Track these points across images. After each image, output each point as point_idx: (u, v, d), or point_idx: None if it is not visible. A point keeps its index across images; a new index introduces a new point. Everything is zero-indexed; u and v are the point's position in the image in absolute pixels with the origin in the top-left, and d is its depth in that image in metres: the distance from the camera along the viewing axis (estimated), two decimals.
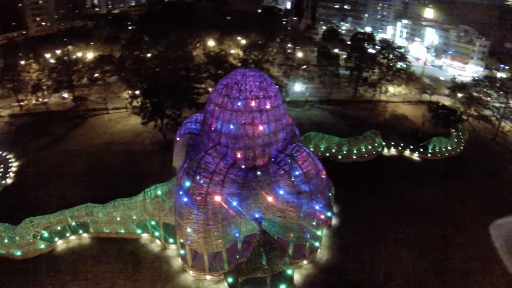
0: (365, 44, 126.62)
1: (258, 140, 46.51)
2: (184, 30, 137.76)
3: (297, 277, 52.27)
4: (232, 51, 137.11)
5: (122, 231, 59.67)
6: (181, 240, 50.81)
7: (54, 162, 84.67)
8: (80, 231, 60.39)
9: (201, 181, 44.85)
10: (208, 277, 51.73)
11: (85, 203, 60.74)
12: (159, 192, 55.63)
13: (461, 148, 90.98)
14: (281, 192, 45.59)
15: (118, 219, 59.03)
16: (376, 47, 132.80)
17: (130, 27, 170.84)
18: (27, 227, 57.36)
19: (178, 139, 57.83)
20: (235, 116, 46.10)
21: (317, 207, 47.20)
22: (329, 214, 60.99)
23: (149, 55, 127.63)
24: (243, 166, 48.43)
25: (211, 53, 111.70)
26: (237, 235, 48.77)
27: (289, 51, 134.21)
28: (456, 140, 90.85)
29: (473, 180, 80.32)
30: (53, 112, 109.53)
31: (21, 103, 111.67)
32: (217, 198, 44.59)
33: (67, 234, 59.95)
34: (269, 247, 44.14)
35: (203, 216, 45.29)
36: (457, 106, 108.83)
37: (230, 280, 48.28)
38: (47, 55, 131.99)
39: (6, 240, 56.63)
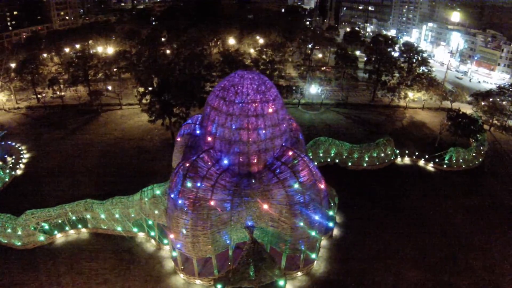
0: (386, 47, 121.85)
1: (253, 146, 44.73)
2: (205, 27, 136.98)
3: (288, 287, 50.42)
4: (251, 50, 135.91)
5: (119, 228, 59.79)
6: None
7: (64, 155, 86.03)
8: (79, 226, 61.17)
9: (191, 186, 43.54)
10: (198, 281, 51.01)
11: (91, 197, 61.66)
12: (155, 192, 55.07)
13: (481, 160, 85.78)
14: (274, 202, 43.66)
15: (117, 216, 59.10)
16: (397, 50, 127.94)
17: (153, 23, 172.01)
18: (28, 219, 58.41)
19: (178, 139, 56.82)
20: (230, 120, 44.44)
21: (314, 218, 44.85)
22: (330, 224, 59.01)
23: (167, 51, 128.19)
24: (237, 172, 46.70)
25: (226, 52, 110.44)
26: (228, 241, 47.45)
27: (307, 51, 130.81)
28: (475, 151, 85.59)
29: (492, 195, 74.88)
30: (68, 105, 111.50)
31: (39, 96, 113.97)
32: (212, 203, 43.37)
33: (67, 228, 60.80)
34: (259, 258, 42.61)
35: (192, 221, 44.17)
36: (479, 115, 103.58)
37: (219, 286, 46.92)
38: (66, 49, 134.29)
39: (9, 230, 57.58)
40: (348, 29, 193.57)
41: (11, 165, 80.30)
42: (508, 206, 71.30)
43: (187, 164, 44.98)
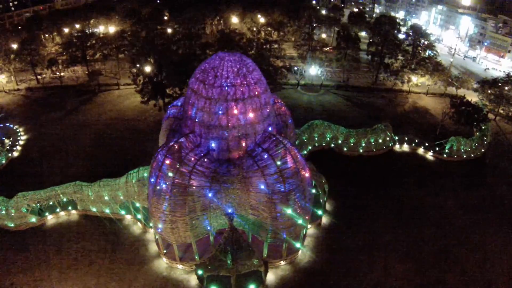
0: (390, 28, 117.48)
1: (232, 131, 43.32)
2: (204, 6, 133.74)
3: (272, 277, 49.86)
4: (248, 30, 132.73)
5: (107, 210, 60.32)
6: None
7: (60, 136, 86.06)
8: (69, 208, 61.75)
9: (168, 171, 42.70)
10: (180, 266, 50.98)
11: (83, 178, 61.92)
12: (141, 175, 54.71)
13: (483, 150, 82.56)
14: (253, 190, 42.57)
15: (106, 198, 59.42)
16: (402, 32, 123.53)
17: (157, 0, 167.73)
18: (20, 201, 58.92)
19: (164, 121, 55.70)
20: (209, 104, 42.91)
21: (296, 208, 43.72)
22: (319, 212, 57.98)
23: (169, 30, 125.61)
24: (216, 158, 45.57)
25: (222, 31, 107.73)
26: (208, 228, 46.84)
27: (307, 31, 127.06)
28: (477, 141, 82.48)
29: (492, 189, 71.78)
30: (67, 86, 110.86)
31: (39, 77, 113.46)
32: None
33: (57, 210, 61.46)
34: (237, 246, 41.88)
35: (170, 207, 43.56)
36: (484, 103, 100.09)
37: (200, 272, 46.60)
38: (66, 30, 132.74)
39: (3, 212, 58.36)
40: (355, 10, 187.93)
41: (8, 147, 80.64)
42: (508, 201, 68.30)
43: (165, 149, 43.90)
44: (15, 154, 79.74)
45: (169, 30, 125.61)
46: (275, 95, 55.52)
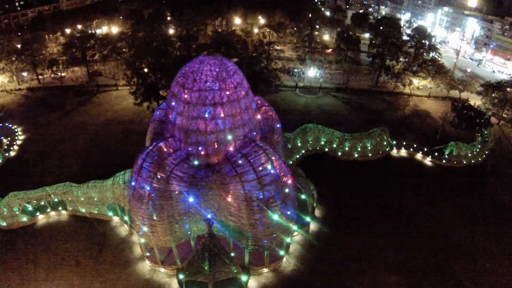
0: (392, 30, 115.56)
1: (211, 136, 42.68)
2: (206, 6, 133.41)
3: (253, 284, 48.99)
4: (251, 30, 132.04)
5: (96, 212, 60.73)
6: None
7: (57, 137, 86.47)
8: (60, 208, 62.33)
9: (146, 176, 42.36)
10: (162, 269, 50.81)
11: (76, 179, 62.59)
12: (127, 178, 54.44)
13: (484, 156, 79.81)
14: (231, 196, 41.85)
15: (96, 199, 59.62)
16: (404, 34, 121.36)
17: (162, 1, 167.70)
18: (12, 200, 59.51)
19: (150, 125, 55.43)
20: (188, 109, 42.40)
21: (275, 216, 42.84)
22: (307, 219, 56.95)
23: (170, 31, 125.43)
24: (195, 163, 45.01)
25: (219, 33, 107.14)
26: (188, 232, 46.50)
27: (306, 33, 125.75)
28: (478, 147, 79.73)
29: (493, 197, 68.63)
30: (66, 86, 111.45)
31: (40, 77, 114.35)
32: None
33: (48, 210, 62.06)
34: (214, 253, 41.21)
35: (148, 211, 43.37)
36: (487, 107, 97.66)
37: (181, 276, 46.07)
38: (67, 30, 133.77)
39: None
40: (361, 11, 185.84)
41: (5, 147, 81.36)
42: (508, 210, 65.26)
43: (144, 153, 43.56)
44: (12, 153, 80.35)
45: (171, 31, 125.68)
46: (261, 98, 54.68)
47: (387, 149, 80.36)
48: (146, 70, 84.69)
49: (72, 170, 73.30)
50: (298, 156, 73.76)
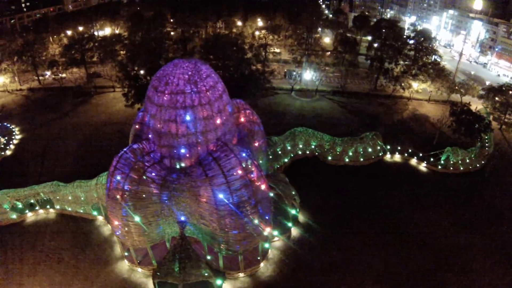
0: (392, 32, 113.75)
1: (181, 139, 42.50)
2: (207, 9, 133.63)
3: (228, 287, 48.55)
4: (257, 32, 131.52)
5: (81, 211, 61.80)
6: None
7: (52, 137, 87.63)
8: (48, 206, 63.78)
9: (119, 178, 42.55)
10: (139, 269, 51.25)
11: (68, 179, 62.92)
12: None
13: (482, 162, 77.37)
14: (202, 199, 41.44)
15: (82, 199, 60.58)
16: (404, 36, 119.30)
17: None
18: (2, 198, 61.15)
19: (132, 127, 55.35)
20: (159, 112, 42.43)
21: (245, 221, 42.23)
22: (289, 224, 56.15)
23: (171, 33, 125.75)
24: (168, 166, 44.89)
25: (211, 36, 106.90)
26: (162, 234, 46.82)
27: (303, 36, 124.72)
28: (476, 152, 77.48)
29: (490, 206, 65.83)
30: (65, 87, 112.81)
31: (41, 78, 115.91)
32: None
33: (37, 208, 63.54)
34: (185, 255, 41.01)
35: (122, 211, 43.89)
36: (488, 111, 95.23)
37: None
38: (70, 32, 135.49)
39: None
40: (366, 13, 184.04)
41: (2, 146, 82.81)
42: (507, 219, 62.17)
43: (119, 155, 43.81)
44: (8, 153, 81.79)
45: (168, 34, 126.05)
46: (242, 101, 54.18)
47: (380, 154, 78.75)
48: (140, 72, 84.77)
49: (65, 170, 74.04)
50: (286, 160, 72.78)
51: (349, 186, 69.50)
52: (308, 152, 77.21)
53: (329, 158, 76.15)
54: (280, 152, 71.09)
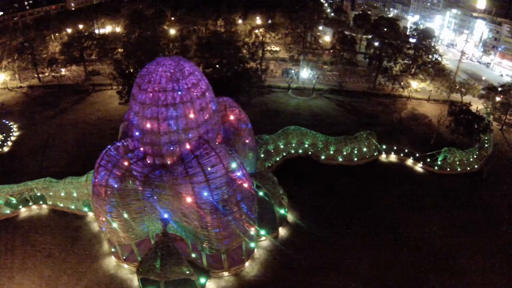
0: (391, 31, 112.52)
1: (163, 137, 42.58)
2: (207, 8, 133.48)
3: (212, 287, 48.45)
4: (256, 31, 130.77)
5: (73, 207, 62.49)
6: None
7: (49, 134, 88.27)
8: (41, 202, 64.67)
9: (103, 174, 42.96)
10: (125, 266, 51.58)
11: (63, 176, 63.64)
12: None
13: (481, 163, 75.82)
14: (188, 198, 41.36)
15: (75, 195, 61.20)
16: (403, 35, 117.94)
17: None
18: None
19: (121, 123, 55.57)
20: (142, 109, 42.57)
21: (226, 219, 42.02)
22: (277, 224, 55.76)
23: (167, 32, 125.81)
24: (151, 163, 45.07)
25: (204, 35, 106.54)
26: (146, 230, 46.99)
27: (301, 34, 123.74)
28: (475, 153, 76.01)
29: (488, 208, 64.17)
30: (64, 85, 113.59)
31: (41, 75, 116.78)
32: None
33: (30, 204, 64.44)
34: (167, 252, 41.12)
35: (106, 208, 44.35)
36: (489, 111, 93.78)
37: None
38: (70, 29, 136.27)
39: None
40: (368, 12, 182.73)
41: (0, 143, 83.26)
42: (505, 222, 60.50)
43: (103, 152, 44.38)
44: (5, 149, 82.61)
45: (167, 32, 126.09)
46: (229, 99, 53.93)
47: (375, 154, 77.90)
48: (131, 70, 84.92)
49: (60, 166, 74.88)
50: (278, 159, 72.30)
51: (342, 186, 68.58)
52: (301, 151, 76.56)
53: (322, 157, 75.47)
54: (272, 151, 70.61)
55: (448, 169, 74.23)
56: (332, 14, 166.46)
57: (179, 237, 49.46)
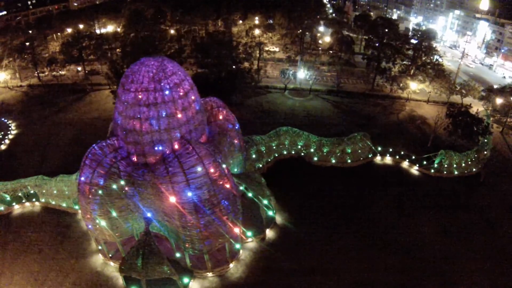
0: (389, 31, 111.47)
1: (145, 136, 42.72)
2: (207, 8, 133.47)
3: (196, 287, 48.30)
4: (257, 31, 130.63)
5: (64, 204, 63.24)
6: None
7: (46, 132, 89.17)
8: (34, 200, 65.68)
9: (87, 172, 43.62)
10: (111, 263, 51.97)
11: (57, 174, 64.27)
12: None
13: (479, 167, 74.36)
14: (169, 198, 41.27)
15: (67, 193, 62.09)
16: (401, 35, 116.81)
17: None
18: None
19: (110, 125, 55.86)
20: (125, 109, 42.83)
21: (206, 220, 41.85)
22: (264, 226, 55.36)
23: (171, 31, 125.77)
24: (135, 162, 45.29)
25: (200, 36, 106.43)
26: (130, 229, 47.61)
27: (298, 35, 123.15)
28: (472, 156, 74.29)
29: (484, 213, 62.58)
30: (63, 84, 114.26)
31: (41, 75, 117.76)
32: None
33: (23, 201, 65.53)
34: (148, 250, 41.16)
35: (90, 206, 44.99)
36: (489, 113, 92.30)
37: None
38: (71, 29, 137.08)
39: None
40: (372, 13, 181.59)
41: None
42: (500, 227, 59.29)
43: (88, 151, 45.11)
44: (3, 147, 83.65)
45: (171, 31, 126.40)
46: (217, 99, 53.71)
47: (369, 156, 77.02)
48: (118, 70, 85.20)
49: (55, 164, 75.65)
50: (269, 160, 71.84)
51: (334, 189, 67.78)
52: (293, 152, 75.97)
53: (315, 159, 74.79)
54: (264, 152, 70.16)
55: (445, 172, 72.99)
56: (334, 15, 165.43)
57: (164, 237, 49.38)
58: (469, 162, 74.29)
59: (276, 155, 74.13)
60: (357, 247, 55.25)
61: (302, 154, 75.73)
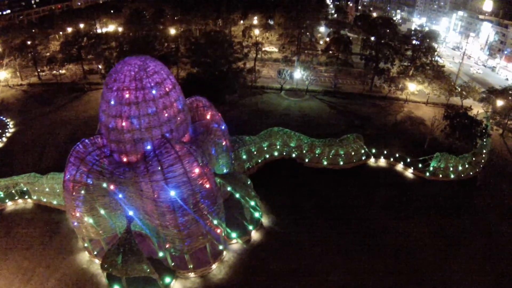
0: (388, 31, 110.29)
1: (127, 134, 42.87)
2: (207, 7, 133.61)
3: (178, 287, 48.28)
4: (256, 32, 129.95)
5: (55, 202, 63.74)
6: None
7: (43, 130, 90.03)
8: (26, 197, 66.48)
9: (71, 170, 44.18)
10: (96, 261, 52.18)
11: (52, 171, 64.48)
12: None
13: (476, 170, 73.01)
14: (143, 195, 41.23)
15: (58, 190, 62.26)
16: (400, 35, 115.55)
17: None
18: None
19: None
20: (108, 107, 43.23)
21: (184, 219, 41.74)
22: (250, 227, 55.08)
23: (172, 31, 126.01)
24: (117, 160, 45.67)
25: (193, 36, 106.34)
26: (113, 226, 47.85)
27: (294, 33, 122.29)
28: (469, 159, 72.75)
29: (479, 218, 61.29)
30: (62, 83, 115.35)
31: (41, 74, 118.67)
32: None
33: (16, 198, 66.27)
34: (128, 249, 41.30)
35: (74, 203, 45.45)
36: (488, 115, 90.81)
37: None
38: (71, 28, 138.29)
39: None
40: (375, 14, 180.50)
41: None
42: (495, 232, 58.02)
43: (72, 149, 45.68)
44: (0, 145, 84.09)
45: (171, 31, 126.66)
46: (204, 99, 53.53)
47: (363, 158, 76.13)
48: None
49: (50, 162, 76.39)
50: (259, 161, 71.40)
51: (325, 191, 66.89)
52: (284, 153, 75.42)
53: (306, 160, 74.16)
54: (255, 152, 69.77)
55: (441, 176, 71.72)
56: (335, 16, 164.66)
57: (148, 236, 49.34)
58: (466, 165, 73.00)
59: (267, 156, 73.59)
60: (344, 249, 54.54)
61: (293, 155, 75.09)
